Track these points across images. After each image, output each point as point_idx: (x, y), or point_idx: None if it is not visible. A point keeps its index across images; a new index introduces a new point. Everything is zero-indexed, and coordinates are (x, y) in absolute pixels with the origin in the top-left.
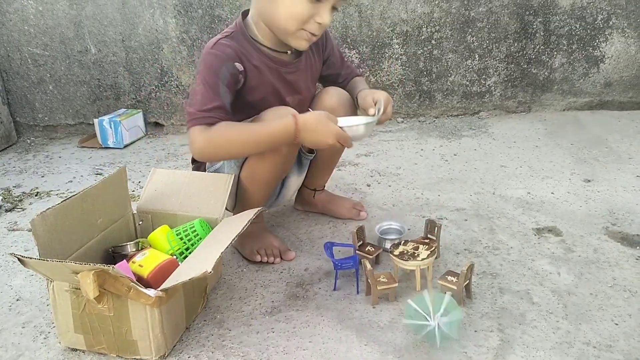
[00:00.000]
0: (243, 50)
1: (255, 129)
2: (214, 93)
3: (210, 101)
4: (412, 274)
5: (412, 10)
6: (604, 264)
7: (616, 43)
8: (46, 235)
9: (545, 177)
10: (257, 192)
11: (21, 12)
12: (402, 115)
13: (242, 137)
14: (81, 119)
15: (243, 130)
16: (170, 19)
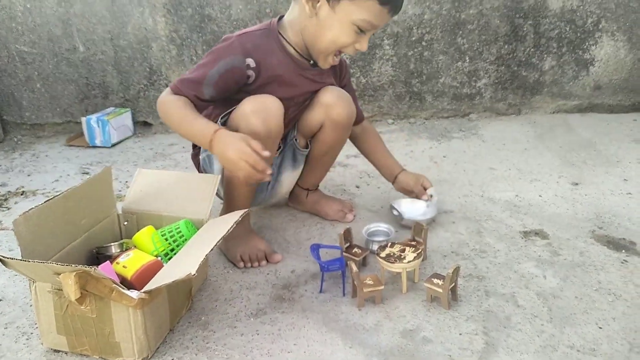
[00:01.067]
0: (266, 47)
1: (187, 120)
2: (204, 69)
3: (195, 73)
4: (399, 276)
5: (402, 11)
6: (589, 268)
7: (606, 46)
8: (29, 236)
9: (534, 179)
10: (241, 182)
11: (9, 10)
12: (392, 116)
13: (176, 119)
14: (69, 118)
15: (180, 115)
16: (160, 18)
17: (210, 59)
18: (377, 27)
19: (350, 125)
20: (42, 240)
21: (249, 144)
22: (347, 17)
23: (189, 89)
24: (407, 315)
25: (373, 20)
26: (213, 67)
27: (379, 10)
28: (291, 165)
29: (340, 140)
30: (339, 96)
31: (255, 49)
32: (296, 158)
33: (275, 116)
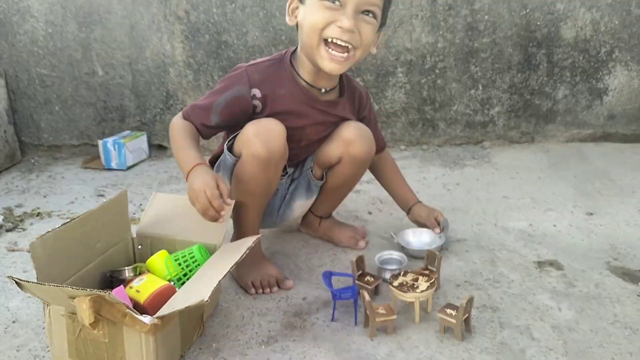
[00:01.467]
0: (277, 79)
1: (181, 148)
2: (214, 97)
3: (204, 101)
4: (412, 305)
5: (416, 39)
6: (605, 300)
7: (619, 76)
8: (45, 258)
9: (548, 209)
10: (246, 204)
11: (31, 34)
12: (405, 143)
13: (174, 144)
14: (86, 140)
15: (179, 142)
16: (178, 44)
17: (220, 87)
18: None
19: (369, 161)
20: (58, 263)
21: (217, 183)
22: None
23: (197, 116)
24: (420, 346)
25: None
26: (221, 96)
27: None
28: (305, 194)
29: (358, 175)
30: (359, 133)
31: (263, 80)
32: (310, 188)
33: (276, 139)
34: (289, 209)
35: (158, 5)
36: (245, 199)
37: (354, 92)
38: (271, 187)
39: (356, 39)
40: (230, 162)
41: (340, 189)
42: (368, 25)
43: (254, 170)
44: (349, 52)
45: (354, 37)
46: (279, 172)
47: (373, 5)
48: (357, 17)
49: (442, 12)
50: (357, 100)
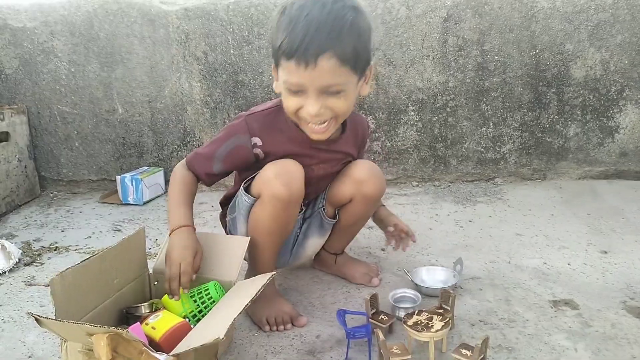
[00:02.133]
0: (273, 126)
1: (173, 202)
2: (216, 145)
3: (207, 149)
4: (426, 345)
5: (427, 79)
6: (622, 341)
7: (630, 114)
8: (64, 295)
9: (562, 247)
10: (263, 244)
11: (54, 73)
12: (417, 179)
13: (170, 196)
14: (104, 175)
15: (174, 195)
16: (196, 83)
17: (222, 136)
18: (300, 85)
19: (380, 198)
20: (76, 300)
21: (194, 257)
22: (281, 81)
23: (201, 164)
24: None
25: (289, 78)
26: (222, 145)
27: (290, 66)
28: (317, 232)
29: (370, 212)
30: (371, 172)
31: (262, 128)
32: (323, 226)
33: (297, 180)
34: (302, 248)
35: (177, 46)
36: (264, 239)
37: (356, 126)
38: (289, 227)
39: (329, 114)
40: (247, 203)
41: (352, 226)
42: (339, 100)
43: (275, 211)
44: (329, 122)
45: (325, 114)
46: (297, 211)
47: (334, 84)
48: (322, 97)
49: (453, 52)
50: (360, 134)
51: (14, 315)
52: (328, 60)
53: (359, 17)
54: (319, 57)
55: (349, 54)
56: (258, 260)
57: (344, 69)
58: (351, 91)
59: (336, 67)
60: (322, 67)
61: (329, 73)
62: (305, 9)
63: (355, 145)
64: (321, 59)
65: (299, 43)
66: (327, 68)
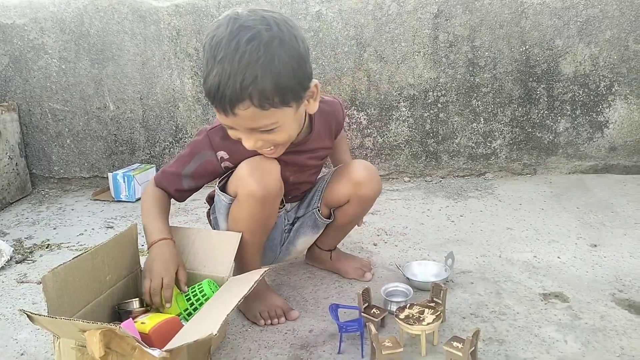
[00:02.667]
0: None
1: (148, 218)
2: (182, 163)
3: (174, 166)
4: (418, 338)
5: (418, 75)
6: (611, 332)
7: (619, 109)
8: (56, 292)
9: (552, 240)
10: (245, 242)
11: (45, 70)
12: (409, 174)
13: (143, 212)
14: (96, 173)
15: (147, 210)
16: (187, 80)
17: (187, 153)
18: (229, 126)
19: (376, 197)
20: (68, 296)
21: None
22: None
23: (170, 182)
24: None
25: (220, 119)
26: (189, 162)
27: (215, 110)
28: (310, 231)
29: (365, 211)
30: (368, 173)
31: (224, 141)
32: (317, 225)
33: (272, 176)
34: (292, 245)
35: (169, 43)
36: (245, 237)
37: (327, 118)
38: (269, 223)
39: (268, 145)
40: (225, 203)
41: (347, 225)
42: (274, 135)
43: (251, 209)
44: (273, 148)
45: (265, 146)
46: (276, 208)
47: (261, 126)
48: (256, 134)
49: (444, 48)
50: (333, 123)
51: (6, 313)
52: (245, 110)
53: (279, 50)
54: (234, 108)
55: (271, 95)
56: (243, 259)
57: (268, 111)
58: (289, 122)
59: (257, 113)
60: (241, 116)
61: (250, 119)
62: (219, 51)
63: (330, 136)
64: (237, 109)
65: (214, 92)
66: (247, 116)
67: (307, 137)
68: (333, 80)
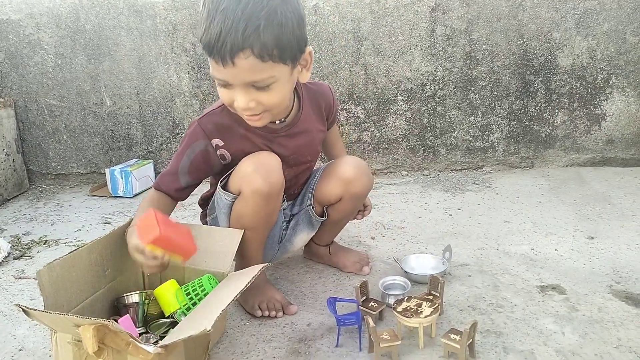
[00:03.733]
0: (230, 123)
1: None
2: (177, 160)
3: (170, 167)
4: (416, 331)
5: (416, 69)
6: (608, 324)
7: (617, 102)
8: (52, 286)
9: (549, 233)
10: (249, 239)
11: (41, 65)
12: (407, 168)
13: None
14: (93, 168)
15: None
16: (184, 75)
17: (181, 148)
18: (224, 80)
19: (368, 193)
20: (65, 291)
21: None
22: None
23: (167, 183)
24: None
25: (215, 74)
26: (183, 157)
27: (211, 62)
28: (307, 228)
29: (358, 206)
30: (359, 170)
31: (218, 128)
32: (312, 223)
33: (276, 171)
34: (290, 243)
35: (165, 37)
36: (248, 234)
37: (316, 97)
38: (272, 219)
39: (259, 108)
40: (228, 201)
41: (342, 220)
42: (268, 94)
43: (257, 206)
44: (261, 114)
45: (256, 108)
46: (279, 203)
47: (258, 80)
48: (251, 91)
49: (441, 42)
50: (323, 104)
51: (3, 309)
52: (246, 59)
53: (281, 6)
54: (235, 57)
55: (271, 47)
56: (245, 255)
57: (266, 64)
58: (284, 82)
59: (256, 64)
60: (240, 66)
61: (248, 71)
62: (222, 2)
63: (321, 117)
64: (238, 58)
65: (214, 41)
66: (246, 66)
67: (297, 117)
68: (330, 74)
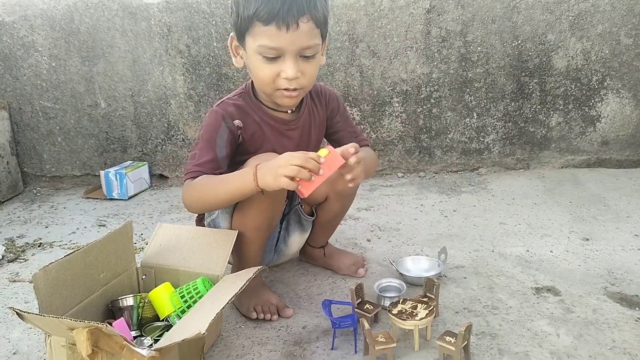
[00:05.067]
0: (247, 109)
1: (223, 180)
2: (210, 147)
3: (205, 155)
4: (411, 333)
5: (411, 70)
6: (603, 325)
7: (611, 103)
8: (47, 290)
9: (544, 235)
10: (250, 239)
11: (35, 67)
12: (403, 170)
13: (211, 187)
14: (88, 171)
15: (215, 182)
16: (179, 76)
17: (208, 137)
18: (279, 49)
19: (355, 191)
20: (60, 294)
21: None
22: (252, 50)
23: (212, 169)
24: None
25: (269, 43)
26: (216, 142)
27: (269, 31)
28: (298, 228)
29: (347, 205)
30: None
31: (237, 110)
32: (302, 223)
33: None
34: (285, 245)
35: (160, 39)
36: (251, 234)
37: (318, 93)
38: (275, 220)
39: (303, 82)
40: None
41: (332, 220)
42: (310, 64)
43: (262, 206)
44: (299, 90)
45: (300, 80)
46: (282, 203)
47: (310, 47)
48: (298, 61)
49: (436, 44)
50: (324, 100)
51: None
52: (307, 23)
53: None
54: (299, 19)
55: (321, 18)
56: (244, 255)
57: (317, 31)
58: (318, 57)
59: (313, 29)
60: (302, 29)
61: (307, 35)
62: None
63: (323, 107)
64: (301, 22)
65: (279, 7)
66: (306, 30)
67: (302, 110)
68: (326, 75)
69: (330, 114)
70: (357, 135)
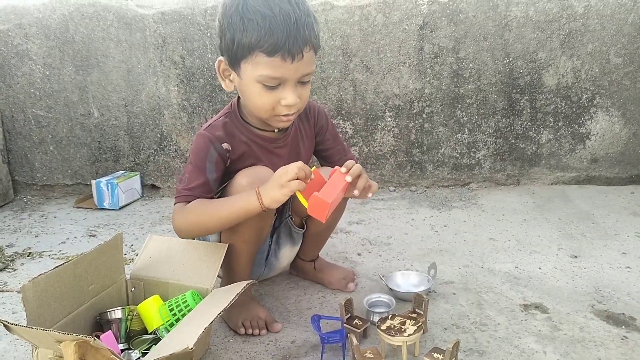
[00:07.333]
0: (234, 130)
1: (226, 203)
2: (200, 171)
3: (196, 179)
4: (399, 349)
5: (404, 86)
6: (589, 344)
7: (601, 121)
8: (36, 301)
9: (533, 251)
10: (239, 252)
11: (29, 76)
12: (394, 184)
13: (213, 210)
14: (79, 180)
15: (215, 205)
16: (173, 87)
17: (198, 160)
18: (283, 78)
19: (345, 204)
20: (49, 306)
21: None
22: (249, 78)
23: (203, 192)
24: None
25: (272, 74)
26: (206, 166)
27: (272, 62)
28: (289, 241)
29: (337, 218)
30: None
31: (225, 134)
32: (292, 236)
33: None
34: (276, 259)
35: (154, 50)
36: (240, 247)
37: (306, 110)
38: (264, 233)
39: (299, 105)
40: None
41: (323, 232)
42: (306, 88)
43: (251, 219)
44: (294, 113)
45: (297, 105)
46: (271, 217)
47: (309, 73)
48: (297, 86)
49: (429, 59)
50: (312, 116)
51: None
52: (309, 52)
53: (310, 7)
54: (303, 50)
55: (318, 44)
56: (234, 269)
57: (314, 57)
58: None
59: (312, 56)
60: (305, 59)
61: (308, 63)
62: (274, 5)
63: (310, 123)
64: (305, 51)
65: (285, 39)
66: (307, 59)
67: (290, 128)
68: (319, 89)
69: (319, 130)
70: (347, 153)
